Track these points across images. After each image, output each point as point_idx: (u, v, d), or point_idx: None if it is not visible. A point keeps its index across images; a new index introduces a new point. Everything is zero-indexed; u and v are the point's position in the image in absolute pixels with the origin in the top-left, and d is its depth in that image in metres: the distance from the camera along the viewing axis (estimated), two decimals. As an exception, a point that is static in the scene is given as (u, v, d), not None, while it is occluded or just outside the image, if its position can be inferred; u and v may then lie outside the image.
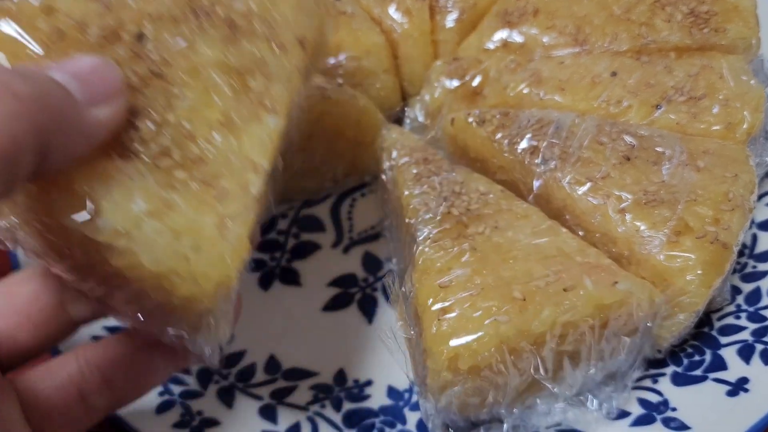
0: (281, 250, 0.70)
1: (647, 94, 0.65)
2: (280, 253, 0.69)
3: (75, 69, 0.37)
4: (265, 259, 0.69)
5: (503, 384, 0.50)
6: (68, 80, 0.36)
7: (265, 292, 0.67)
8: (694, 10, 0.68)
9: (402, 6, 0.75)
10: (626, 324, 0.52)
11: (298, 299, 0.66)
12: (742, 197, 0.57)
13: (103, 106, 0.37)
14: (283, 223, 0.71)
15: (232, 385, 0.61)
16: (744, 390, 0.55)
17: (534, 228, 0.56)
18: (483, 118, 0.64)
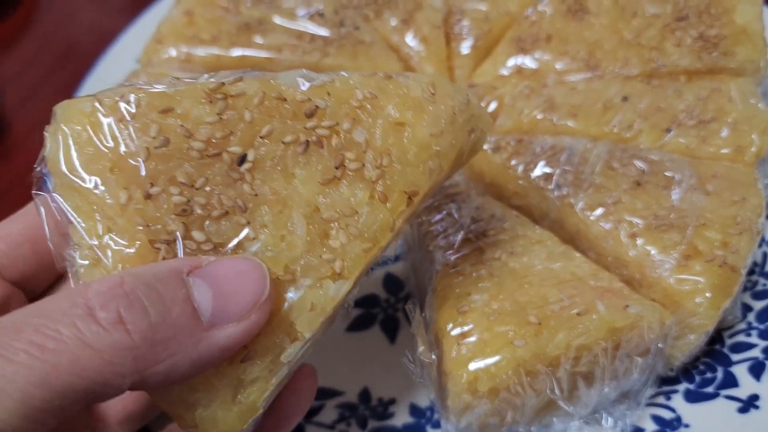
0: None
1: (658, 118, 0.67)
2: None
3: (218, 279, 0.37)
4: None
5: (521, 404, 0.53)
6: (204, 299, 0.36)
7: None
8: (704, 34, 0.70)
9: (419, 34, 0.77)
10: (638, 345, 0.54)
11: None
12: (750, 220, 0.59)
13: (230, 327, 0.37)
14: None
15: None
16: (755, 407, 0.57)
17: (548, 253, 0.58)
18: (498, 146, 0.66)
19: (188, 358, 0.35)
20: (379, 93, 0.44)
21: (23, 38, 1.04)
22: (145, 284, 0.35)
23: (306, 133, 0.42)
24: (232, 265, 0.38)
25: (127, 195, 0.40)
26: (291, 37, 0.75)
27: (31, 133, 0.92)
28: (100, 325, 0.33)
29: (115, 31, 0.90)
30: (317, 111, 0.43)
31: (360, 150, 0.43)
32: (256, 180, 0.41)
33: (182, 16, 0.77)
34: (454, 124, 0.46)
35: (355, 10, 0.79)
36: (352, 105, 0.43)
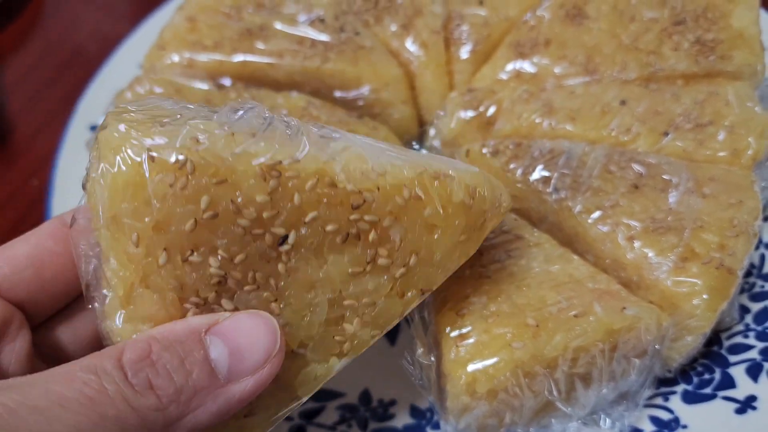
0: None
1: (655, 122, 0.67)
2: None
3: (233, 336, 0.41)
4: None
5: (519, 406, 0.53)
6: (221, 358, 0.40)
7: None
8: (701, 38, 0.71)
9: (418, 39, 0.78)
10: (635, 347, 0.55)
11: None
12: (747, 223, 0.59)
13: (245, 381, 0.41)
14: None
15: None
16: (752, 408, 0.58)
17: (546, 255, 0.59)
18: (497, 149, 0.67)
19: (208, 411, 0.40)
20: (424, 194, 0.45)
21: (28, 43, 1.05)
22: (169, 351, 0.39)
23: (348, 224, 0.44)
24: (246, 322, 0.42)
25: (167, 257, 0.41)
26: (292, 42, 0.76)
27: (35, 137, 0.93)
28: (135, 390, 0.37)
29: (119, 36, 0.91)
30: (363, 204, 0.44)
31: (393, 248, 0.45)
32: (291, 261, 0.43)
33: (185, 22, 0.77)
34: (482, 229, 0.49)
35: (356, 15, 0.80)
36: (396, 202, 0.45)
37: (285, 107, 0.72)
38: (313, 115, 0.72)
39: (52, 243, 0.47)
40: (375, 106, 0.76)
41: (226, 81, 0.76)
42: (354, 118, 0.74)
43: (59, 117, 0.87)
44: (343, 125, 0.71)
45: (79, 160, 0.77)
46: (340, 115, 0.73)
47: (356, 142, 0.45)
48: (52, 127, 0.89)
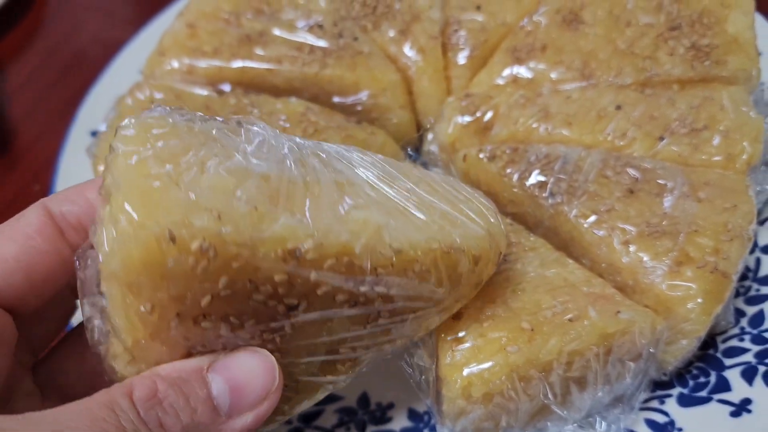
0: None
1: (651, 127, 0.68)
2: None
3: (233, 374, 0.42)
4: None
5: (515, 409, 0.54)
6: (222, 395, 0.42)
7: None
8: (696, 43, 0.71)
9: (416, 44, 0.78)
10: (630, 350, 0.55)
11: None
12: (741, 227, 0.60)
13: (244, 416, 0.43)
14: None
15: (263, 409, 0.65)
16: (747, 411, 0.58)
17: (542, 260, 0.60)
18: (494, 154, 0.68)
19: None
20: (434, 269, 0.48)
21: (29, 49, 1.05)
22: (174, 389, 0.41)
23: (358, 294, 0.45)
24: (246, 360, 0.43)
25: (178, 321, 0.41)
26: (291, 48, 0.76)
27: (36, 143, 0.94)
28: (148, 428, 0.39)
29: (120, 42, 0.92)
30: (376, 277, 0.45)
31: (395, 311, 0.48)
32: (297, 321, 0.44)
33: (184, 29, 0.78)
34: (480, 284, 0.53)
35: (354, 21, 0.80)
36: (407, 276, 0.46)
37: (284, 113, 0.72)
38: (311, 121, 0.72)
39: (40, 241, 0.46)
40: (373, 111, 0.77)
41: (226, 87, 0.76)
42: (352, 123, 0.74)
43: (61, 122, 0.88)
44: (342, 131, 0.72)
45: (80, 165, 0.78)
46: (339, 120, 0.74)
47: (376, 199, 0.47)
48: (54, 132, 0.90)
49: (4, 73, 1.03)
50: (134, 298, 0.40)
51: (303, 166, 0.45)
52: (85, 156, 0.73)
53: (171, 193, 0.39)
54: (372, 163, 0.50)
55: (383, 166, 0.51)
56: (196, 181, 0.40)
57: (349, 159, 0.49)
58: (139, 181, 0.39)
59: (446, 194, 0.52)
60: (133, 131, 0.42)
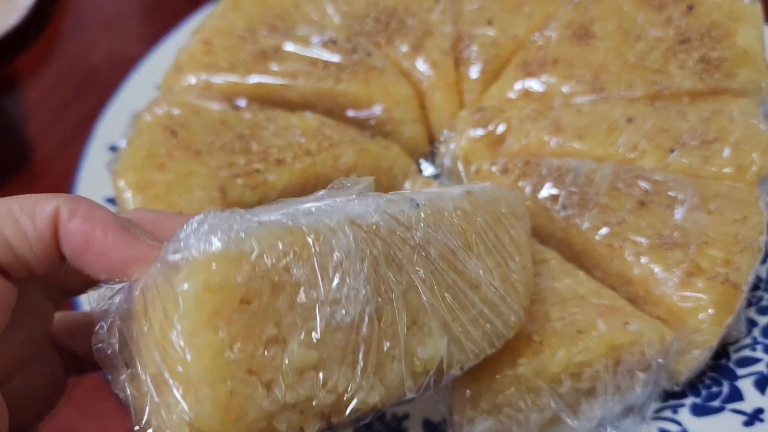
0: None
1: (661, 139, 0.68)
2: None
3: None
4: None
5: (525, 420, 0.54)
6: None
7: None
8: (705, 56, 0.72)
9: (429, 59, 0.79)
10: (639, 361, 0.56)
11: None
12: (752, 238, 0.60)
13: None
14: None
15: (279, 420, 0.66)
16: (760, 420, 0.58)
17: (553, 272, 0.60)
18: (506, 167, 0.69)
19: None
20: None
21: (46, 66, 1.07)
22: None
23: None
24: None
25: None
26: (305, 64, 0.78)
27: (53, 159, 0.95)
28: None
29: (135, 58, 0.93)
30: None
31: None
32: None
33: (200, 45, 0.79)
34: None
35: (367, 37, 0.81)
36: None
37: (299, 127, 0.74)
38: (326, 135, 0.73)
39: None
40: (386, 125, 0.78)
41: (242, 102, 0.78)
42: (366, 137, 0.75)
43: (78, 138, 0.89)
44: (356, 144, 0.73)
45: (99, 181, 0.79)
46: (353, 134, 0.75)
47: (433, 322, 0.44)
48: (71, 148, 0.91)
49: (21, 90, 1.04)
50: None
51: (377, 294, 0.40)
52: (104, 171, 0.74)
53: (252, 398, 0.35)
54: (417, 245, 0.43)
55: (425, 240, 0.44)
56: (277, 362, 0.36)
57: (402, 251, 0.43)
58: (210, 376, 0.34)
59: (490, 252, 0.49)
60: (200, 280, 0.35)
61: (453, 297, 0.44)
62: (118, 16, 1.14)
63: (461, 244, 0.45)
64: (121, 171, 0.70)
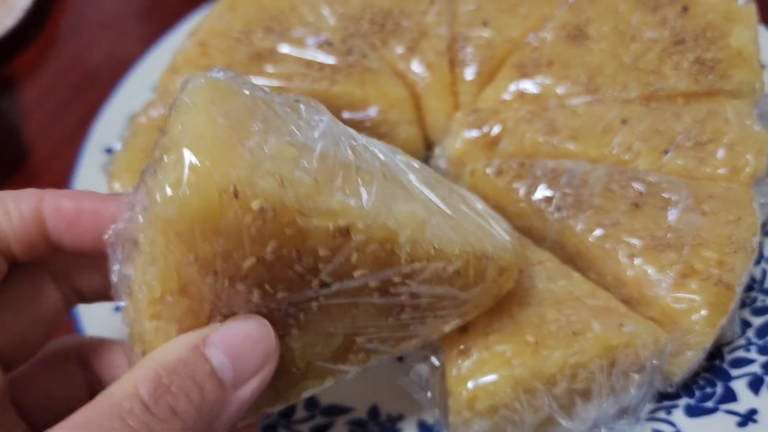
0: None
1: (656, 140, 0.68)
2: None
3: (230, 343, 0.42)
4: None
5: (520, 421, 0.55)
6: (224, 366, 0.41)
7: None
8: (700, 57, 0.72)
9: (424, 61, 0.79)
10: (634, 362, 0.56)
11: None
12: (745, 239, 0.60)
13: (250, 382, 0.42)
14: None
15: (275, 422, 0.66)
16: (753, 421, 0.59)
17: (548, 273, 0.60)
18: (500, 169, 0.69)
19: (225, 420, 0.41)
20: (463, 271, 0.49)
21: (43, 68, 1.07)
22: (178, 375, 0.40)
23: (389, 284, 0.46)
24: (239, 327, 0.43)
25: (215, 279, 0.41)
26: (300, 65, 0.78)
27: (51, 160, 0.95)
28: (160, 418, 0.38)
29: (133, 59, 0.94)
30: (413, 270, 0.46)
31: (418, 307, 0.48)
32: (325, 305, 0.45)
33: (196, 47, 0.80)
34: (496, 299, 0.54)
35: (363, 38, 0.82)
36: (438, 274, 0.48)
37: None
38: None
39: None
40: (382, 126, 0.78)
41: (237, 103, 0.77)
42: (362, 138, 0.75)
43: (75, 139, 0.89)
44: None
45: (95, 183, 0.79)
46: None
47: (419, 197, 0.48)
48: (69, 150, 0.91)
49: (18, 91, 1.04)
50: (181, 246, 0.40)
51: (355, 154, 0.46)
52: (100, 173, 0.74)
53: (238, 151, 0.39)
54: (412, 165, 0.52)
55: (422, 170, 0.52)
56: (261, 146, 0.41)
57: (394, 157, 0.51)
58: (208, 133, 0.39)
59: (474, 206, 0.55)
60: (203, 86, 0.42)
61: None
62: (116, 16, 1.14)
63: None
64: (116, 173, 0.71)
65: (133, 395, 0.38)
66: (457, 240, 0.48)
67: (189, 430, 0.39)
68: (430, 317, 0.50)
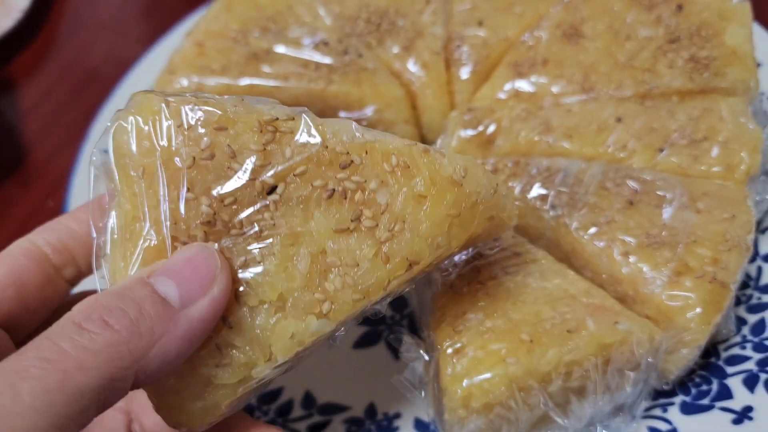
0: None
1: (651, 138, 0.69)
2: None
3: (174, 268, 0.42)
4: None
5: (515, 419, 0.55)
6: (168, 287, 0.41)
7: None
8: (695, 55, 0.72)
9: (420, 60, 0.80)
10: (629, 360, 0.56)
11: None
12: (740, 237, 0.60)
13: (199, 301, 0.42)
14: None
15: (272, 420, 0.66)
16: (748, 418, 0.59)
17: (543, 271, 0.61)
18: (496, 168, 0.69)
19: (174, 337, 0.40)
20: (412, 163, 0.46)
21: (42, 68, 1.07)
22: (116, 295, 0.40)
23: (335, 182, 0.46)
24: (182, 254, 0.43)
25: (165, 191, 0.44)
26: (297, 65, 0.78)
27: (50, 160, 0.95)
28: (91, 331, 0.38)
29: (132, 60, 0.94)
30: (351, 165, 0.46)
31: (378, 211, 0.46)
32: (278, 211, 0.45)
33: (193, 47, 0.80)
34: (474, 210, 0.48)
35: (358, 38, 0.82)
36: (384, 168, 0.46)
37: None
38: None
39: (27, 261, 0.49)
40: (378, 126, 0.78)
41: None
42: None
43: (74, 139, 0.90)
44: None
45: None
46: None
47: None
48: (68, 149, 0.92)
49: (18, 92, 1.05)
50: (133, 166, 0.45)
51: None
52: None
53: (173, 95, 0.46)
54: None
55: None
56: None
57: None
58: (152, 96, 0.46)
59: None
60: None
61: None
62: (114, 17, 1.15)
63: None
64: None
65: (66, 320, 0.39)
66: (395, 139, 0.48)
67: (125, 343, 0.38)
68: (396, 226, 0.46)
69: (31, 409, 0.34)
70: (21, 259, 0.49)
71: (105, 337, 0.38)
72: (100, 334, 0.38)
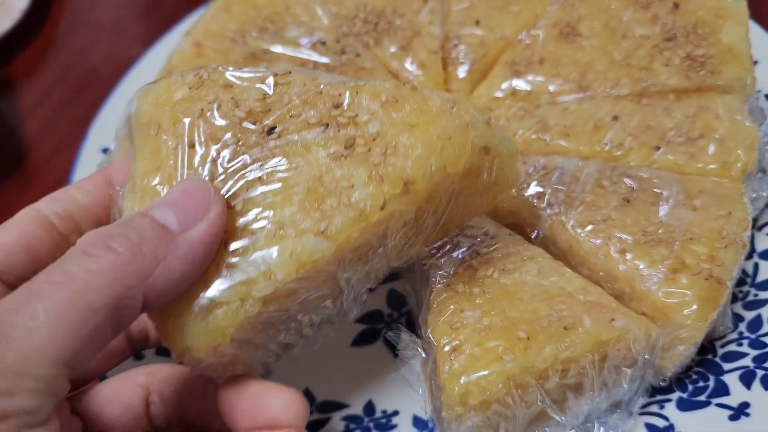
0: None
1: (647, 136, 0.69)
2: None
3: (171, 199, 0.46)
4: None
5: (512, 416, 0.55)
6: (166, 215, 0.44)
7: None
8: (691, 53, 0.72)
9: (417, 59, 0.80)
10: (626, 357, 0.56)
11: (328, 335, 0.71)
12: (736, 234, 0.61)
13: (197, 225, 0.45)
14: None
15: (271, 419, 0.66)
16: (745, 414, 0.59)
17: (540, 269, 0.61)
18: (493, 166, 0.69)
19: (177, 257, 0.43)
20: (401, 98, 0.50)
21: (41, 69, 1.08)
22: (118, 224, 0.44)
23: (329, 118, 0.50)
24: (177, 188, 0.47)
25: (176, 142, 0.50)
26: (295, 65, 0.78)
27: (49, 161, 0.96)
28: (96, 255, 0.41)
29: (131, 60, 0.94)
30: (343, 104, 0.50)
31: (370, 139, 0.49)
32: (277, 148, 0.49)
33: (191, 48, 0.80)
34: (465, 134, 0.50)
35: (356, 38, 0.82)
36: (374, 104, 0.50)
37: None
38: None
39: (35, 228, 0.51)
40: (376, 125, 0.78)
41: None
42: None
43: (74, 140, 0.90)
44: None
45: (92, 183, 0.80)
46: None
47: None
48: (67, 151, 0.92)
49: (17, 93, 1.05)
50: (149, 129, 0.51)
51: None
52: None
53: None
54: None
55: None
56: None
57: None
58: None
59: None
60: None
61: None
62: (114, 17, 1.15)
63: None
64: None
65: (72, 250, 0.42)
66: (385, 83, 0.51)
67: (129, 263, 0.41)
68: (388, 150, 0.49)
69: (46, 325, 0.38)
70: (29, 226, 0.50)
71: (109, 258, 0.41)
72: (105, 256, 0.41)
